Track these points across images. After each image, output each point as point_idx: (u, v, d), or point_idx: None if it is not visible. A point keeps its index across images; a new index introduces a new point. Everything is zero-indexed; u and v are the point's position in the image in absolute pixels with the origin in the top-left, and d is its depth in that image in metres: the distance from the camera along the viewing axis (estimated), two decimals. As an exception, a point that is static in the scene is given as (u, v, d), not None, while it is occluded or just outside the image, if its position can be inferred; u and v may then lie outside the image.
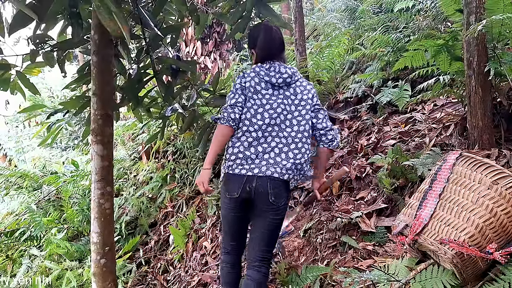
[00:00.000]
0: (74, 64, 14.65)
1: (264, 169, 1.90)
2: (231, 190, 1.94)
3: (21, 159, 9.46)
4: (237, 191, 1.92)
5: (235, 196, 1.93)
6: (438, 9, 4.75)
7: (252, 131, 1.94)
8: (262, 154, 1.92)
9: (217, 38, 8.98)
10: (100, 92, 2.48)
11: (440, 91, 3.32)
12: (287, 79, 2.01)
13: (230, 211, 2.00)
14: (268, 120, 1.95)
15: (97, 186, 2.49)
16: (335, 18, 7.27)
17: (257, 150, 1.92)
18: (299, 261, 2.84)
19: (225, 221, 2.07)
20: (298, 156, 1.95)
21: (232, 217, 2.02)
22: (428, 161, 2.78)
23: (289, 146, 1.95)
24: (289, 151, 1.94)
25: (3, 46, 2.55)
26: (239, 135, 1.95)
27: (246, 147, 1.92)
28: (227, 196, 1.97)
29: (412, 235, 1.89)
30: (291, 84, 2.03)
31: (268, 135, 1.95)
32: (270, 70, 2.00)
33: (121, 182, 5.69)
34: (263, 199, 1.91)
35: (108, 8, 1.86)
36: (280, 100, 1.99)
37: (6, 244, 4.84)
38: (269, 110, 1.96)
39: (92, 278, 2.52)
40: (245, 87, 1.98)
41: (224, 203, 2.03)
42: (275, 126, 1.96)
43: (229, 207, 2.00)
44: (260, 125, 1.94)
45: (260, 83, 1.99)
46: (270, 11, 2.44)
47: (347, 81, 5.53)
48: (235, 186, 1.93)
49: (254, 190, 1.90)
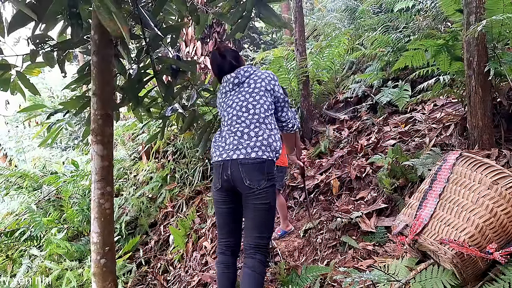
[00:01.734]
0: (74, 64, 14.66)
1: (231, 154, 2.03)
2: (215, 183, 2.10)
3: (21, 159, 9.46)
4: (219, 182, 2.06)
5: (218, 187, 2.07)
6: (438, 9, 4.75)
7: (225, 125, 2.20)
8: (227, 140, 2.10)
9: (217, 38, 8.98)
10: (100, 92, 2.48)
11: (440, 91, 3.32)
12: (234, 80, 2.25)
13: (219, 204, 2.12)
14: (232, 114, 2.16)
15: (97, 186, 2.49)
16: (335, 18, 7.27)
17: (225, 138, 2.13)
18: (299, 261, 2.84)
19: (217, 215, 2.18)
20: (260, 132, 2.07)
21: (222, 210, 2.12)
22: (428, 161, 2.78)
23: (249, 127, 2.09)
24: (250, 131, 2.07)
25: (3, 46, 2.55)
26: (217, 134, 2.24)
27: (218, 137, 2.19)
28: (214, 190, 2.13)
29: (412, 235, 1.89)
30: (244, 80, 2.25)
31: (231, 125, 2.14)
32: (223, 81, 2.32)
33: (121, 182, 5.69)
34: (240, 185, 1.99)
35: (108, 8, 1.86)
36: (239, 95, 2.21)
37: (6, 244, 4.85)
38: (232, 105, 2.19)
39: (92, 278, 2.51)
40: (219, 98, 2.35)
41: (214, 199, 2.18)
42: (236, 116, 2.14)
43: (217, 200, 2.13)
44: (228, 119, 2.17)
45: (226, 85, 2.29)
46: (270, 11, 2.43)
47: (347, 81, 5.53)
48: (216, 177, 2.08)
49: (231, 177, 2.01)
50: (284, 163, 3.21)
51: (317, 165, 4.12)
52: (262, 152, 2.01)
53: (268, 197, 2.01)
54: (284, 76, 4.96)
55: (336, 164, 3.89)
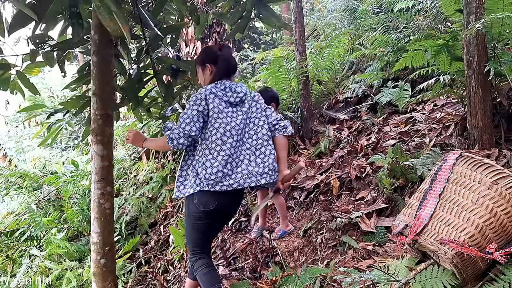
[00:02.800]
0: (74, 64, 14.65)
1: (242, 182, 2.03)
2: (208, 203, 2.03)
3: (21, 159, 9.46)
4: (213, 203, 2.03)
5: (210, 208, 2.03)
6: (438, 9, 4.75)
7: (226, 149, 2.04)
8: (235, 169, 2.05)
9: (217, 38, 8.97)
10: (100, 92, 2.48)
11: (440, 91, 3.32)
12: (243, 97, 2.15)
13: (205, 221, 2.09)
14: (236, 137, 2.07)
15: (97, 186, 2.49)
16: (335, 18, 7.27)
17: (232, 166, 2.04)
18: (299, 261, 2.84)
19: (199, 232, 2.14)
20: (265, 158, 2.10)
21: (208, 227, 2.13)
22: (428, 161, 2.78)
23: (255, 153, 2.11)
24: (256, 158, 2.09)
25: (3, 46, 2.55)
26: (215, 155, 2.02)
27: (224, 165, 2.02)
28: (202, 209, 2.04)
29: (412, 235, 1.89)
30: (245, 100, 2.18)
31: (238, 150, 2.08)
32: (226, 90, 2.12)
33: (121, 182, 5.69)
34: (235, 207, 2.20)
35: (108, 8, 1.86)
36: (240, 116, 2.12)
37: (6, 244, 4.85)
38: (235, 127, 2.08)
39: (92, 278, 2.51)
40: (204, 111, 2.05)
41: (197, 217, 2.09)
42: (241, 141, 2.11)
43: (204, 218, 2.08)
44: (231, 143, 2.05)
45: (221, 103, 2.09)
46: (270, 11, 2.44)
47: (347, 81, 5.54)
48: (212, 200, 2.03)
49: (228, 202, 2.10)
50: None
51: (317, 165, 4.12)
52: (270, 176, 2.09)
53: None
54: (284, 76, 4.96)
55: (336, 164, 3.89)
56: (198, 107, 2.04)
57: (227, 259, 3.27)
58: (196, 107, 2.04)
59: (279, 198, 3.23)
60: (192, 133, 2.03)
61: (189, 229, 2.18)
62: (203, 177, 2.01)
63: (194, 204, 2.06)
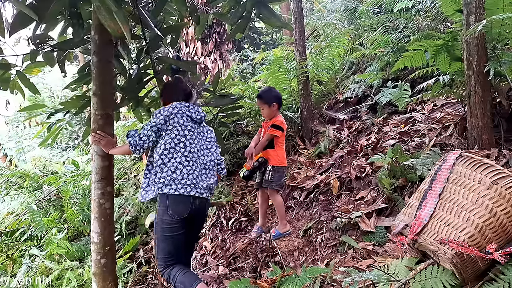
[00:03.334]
0: (74, 64, 14.65)
1: (189, 190, 2.22)
2: (181, 211, 2.20)
3: (21, 159, 9.46)
4: (187, 211, 2.21)
5: (185, 215, 2.21)
6: (438, 9, 4.75)
7: (184, 160, 2.25)
8: (187, 176, 2.24)
9: (217, 38, 8.98)
10: (100, 92, 2.48)
11: (440, 91, 3.33)
12: (203, 117, 2.43)
13: (178, 229, 2.22)
14: (190, 149, 2.29)
15: (98, 186, 2.50)
16: (335, 19, 7.28)
17: (183, 172, 2.23)
18: (299, 261, 2.85)
19: (172, 240, 2.24)
20: (211, 178, 2.40)
21: (181, 235, 2.25)
22: (428, 161, 2.78)
23: (207, 170, 2.38)
24: (205, 174, 2.36)
25: (3, 46, 2.55)
26: (176, 164, 2.22)
27: (173, 171, 2.21)
28: (176, 218, 2.19)
29: (412, 235, 1.90)
30: (201, 123, 2.45)
31: (195, 163, 2.30)
32: (189, 107, 2.37)
33: (121, 182, 5.70)
34: (202, 216, 2.39)
35: (109, 8, 1.86)
36: (198, 134, 2.40)
37: (7, 244, 4.85)
38: (195, 140, 2.34)
39: (92, 278, 2.52)
40: (164, 125, 2.26)
41: (170, 226, 2.21)
42: (197, 154, 2.33)
43: (177, 226, 2.22)
44: (190, 153, 2.28)
45: (183, 117, 2.31)
46: (270, 12, 2.44)
47: (347, 81, 5.54)
48: (184, 207, 2.21)
49: (195, 210, 2.25)
50: (282, 163, 3.21)
51: (317, 165, 4.12)
52: (207, 194, 2.35)
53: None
54: (284, 76, 4.96)
55: (336, 164, 3.90)
56: (157, 120, 2.25)
57: (227, 259, 3.28)
58: (156, 121, 2.25)
59: (277, 198, 3.23)
60: (145, 144, 2.27)
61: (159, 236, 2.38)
62: (153, 181, 2.24)
63: (164, 212, 2.22)
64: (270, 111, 3.18)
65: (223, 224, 3.99)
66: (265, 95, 3.23)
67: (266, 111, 3.21)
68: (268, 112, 3.20)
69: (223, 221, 4.00)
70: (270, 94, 3.23)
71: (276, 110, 3.20)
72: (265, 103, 3.17)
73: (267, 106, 3.17)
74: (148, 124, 2.26)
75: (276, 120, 3.17)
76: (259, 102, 3.24)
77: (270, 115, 3.20)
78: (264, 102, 3.18)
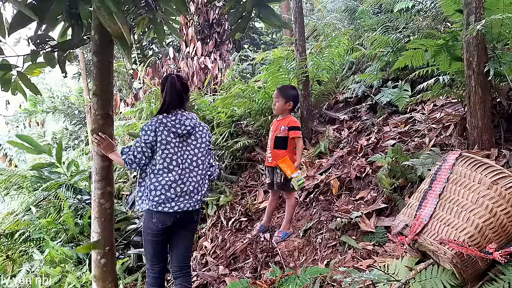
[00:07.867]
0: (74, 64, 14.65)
1: (182, 206, 2.30)
2: (165, 221, 2.28)
3: (21, 159, 9.46)
4: (170, 220, 2.29)
5: (168, 224, 2.29)
6: (438, 9, 4.75)
7: (171, 176, 2.28)
8: (180, 193, 2.29)
9: (217, 38, 8.98)
10: (100, 92, 2.48)
11: (440, 91, 3.33)
12: (190, 130, 2.37)
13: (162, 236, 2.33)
14: (182, 166, 2.32)
15: (98, 186, 2.50)
16: (335, 19, 7.27)
17: (176, 191, 2.28)
18: (299, 261, 2.85)
19: (155, 246, 2.37)
20: (203, 188, 2.44)
21: (162, 242, 2.37)
22: (428, 161, 2.78)
23: (198, 182, 2.39)
24: (198, 187, 2.39)
25: (3, 46, 2.55)
26: (162, 182, 2.26)
27: (167, 189, 2.27)
28: (160, 226, 2.28)
29: (412, 235, 1.90)
30: (192, 133, 2.39)
31: (184, 177, 2.32)
32: (175, 122, 2.33)
33: (121, 182, 5.69)
34: (188, 224, 2.41)
35: (109, 9, 1.86)
36: (187, 148, 2.37)
37: (6, 245, 4.84)
38: (181, 157, 2.33)
39: (92, 278, 2.52)
40: (153, 141, 2.28)
41: (152, 234, 2.33)
42: (188, 169, 2.34)
43: (161, 233, 2.32)
44: (176, 171, 2.29)
45: (170, 134, 2.29)
46: (270, 11, 2.44)
47: (347, 81, 5.53)
48: (169, 218, 2.29)
49: (180, 220, 2.33)
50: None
51: (317, 165, 4.12)
52: (198, 205, 2.40)
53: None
54: (284, 76, 4.96)
55: (336, 164, 3.90)
56: (148, 137, 2.26)
57: (227, 259, 3.28)
58: (146, 137, 2.26)
59: (293, 200, 3.23)
60: (142, 161, 2.29)
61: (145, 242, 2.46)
62: (147, 198, 2.29)
63: (149, 221, 2.32)
64: (283, 107, 3.17)
65: (223, 224, 3.99)
66: (286, 90, 3.23)
67: (279, 105, 3.19)
68: (280, 107, 3.19)
69: (223, 221, 4.00)
70: (290, 92, 3.21)
71: (289, 109, 3.20)
72: (283, 97, 3.16)
73: (283, 101, 3.16)
74: (141, 141, 2.28)
75: (294, 122, 3.17)
76: (277, 93, 3.22)
77: (282, 111, 3.20)
78: (283, 96, 3.17)
